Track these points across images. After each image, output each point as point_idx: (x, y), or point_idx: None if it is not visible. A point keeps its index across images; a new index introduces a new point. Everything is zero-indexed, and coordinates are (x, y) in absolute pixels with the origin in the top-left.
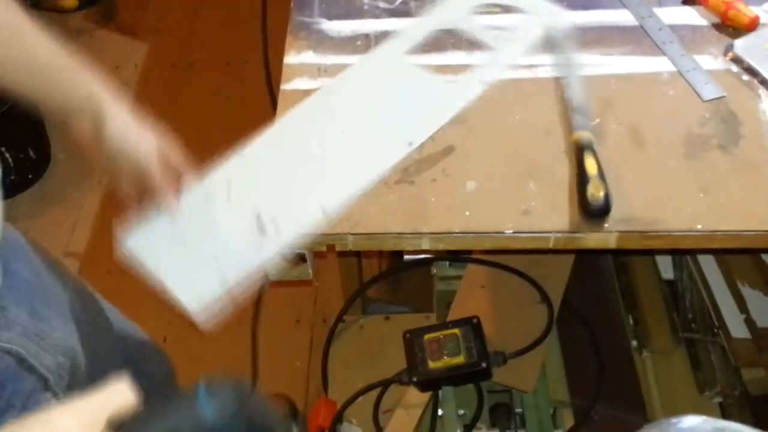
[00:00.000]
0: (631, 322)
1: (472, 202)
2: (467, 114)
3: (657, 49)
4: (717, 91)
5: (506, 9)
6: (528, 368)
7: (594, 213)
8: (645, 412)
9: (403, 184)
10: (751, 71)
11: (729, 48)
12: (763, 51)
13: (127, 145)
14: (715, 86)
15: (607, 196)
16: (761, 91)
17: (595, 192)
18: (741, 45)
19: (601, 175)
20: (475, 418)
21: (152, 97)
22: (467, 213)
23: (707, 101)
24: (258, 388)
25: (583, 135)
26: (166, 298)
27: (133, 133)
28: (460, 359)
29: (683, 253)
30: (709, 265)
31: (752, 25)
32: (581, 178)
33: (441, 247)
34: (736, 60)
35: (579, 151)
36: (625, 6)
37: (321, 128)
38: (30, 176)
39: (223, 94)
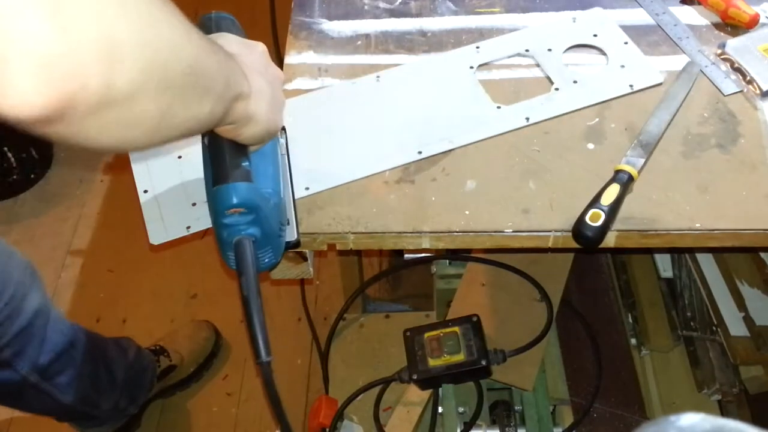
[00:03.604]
0: (630, 320)
1: (472, 201)
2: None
3: (675, 46)
4: (737, 86)
5: (600, 51)
6: (527, 366)
7: (580, 236)
8: (644, 410)
9: (404, 183)
10: (739, 71)
11: (721, 47)
12: (755, 52)
13: None
14: (735, 81)
15: (601, 230)
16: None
17: (592, 219)
18: (733, 44)
19: (612, 210)
20: (475, 416)
21: None
22: (467, 212)
23: (727, 95)
24: None
25: (627, 169)
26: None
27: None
28: (460, 357)
29: (682, 252)
30: (707, 263)
31: (752, 23)
32: (593, 201)
33: (441, 246)
34: (727, 59)
35: (612, 178)
36: (639, 4)
37: (353, 108)
38: (32, 175)
39: None
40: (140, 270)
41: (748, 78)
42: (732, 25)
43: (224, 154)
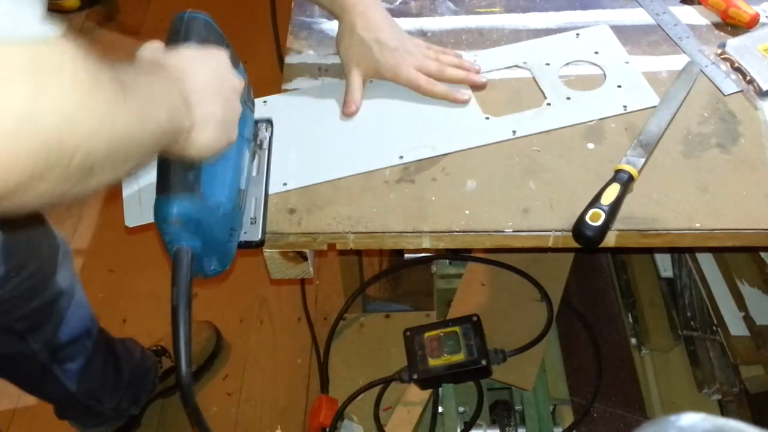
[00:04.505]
0: (630, 320)
1: (472, 200)
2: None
3: (674, 46)
4: (737, 85)
5: (600, 69)
6: (528, 366)
7: (580, 236)
8: (644, 410)
9: (404, 183)
10: (739, 71)
11: (721, 47)
12: (755, 52)
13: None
14: (735, 80)
15: (601, 230)
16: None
17: (592, 218)
18: (734, 44)
19: (613, 210)
20: (475, 416)
21: None
22: (467, 212)
23: (727, 95)
24: None
25: (627, 169)
26: None
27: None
28: (460, 357)
29: (682, 252)
30: (707, 263)
31: (753, 23)
32: (593, 201)
33: (441, 245)
34: (727, 59)
35: (612, 177)
36: (639, 4)
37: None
38: None
39: None
40: (140, 270)
41: (749, 78)
42: (732, 25)
43: (170, 163)
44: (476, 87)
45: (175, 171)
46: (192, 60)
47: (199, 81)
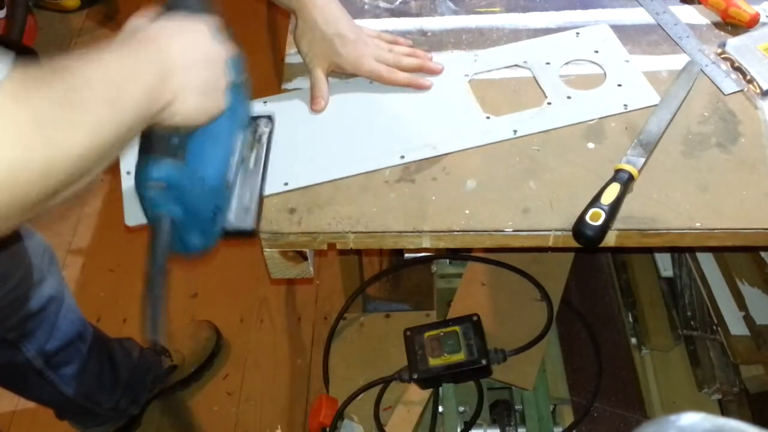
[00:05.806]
0: (630, 319)
1: (473, 200)
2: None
3: (675, 45)
4: (737, 85)
5: (600, 68)
6: (528, 366)
7: (581, 235)
8: (644, 409)
9: (404, 183)
10: (740, 70)
11: (721, 46)
12: (755, 51)
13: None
14: (735, 80)
15: (601, 230)
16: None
17: (592, 218)
18: (734, 44)
19: (613, 209)
20: (476, 415)
21: None
22: (467, 211)
23: (728, 95)
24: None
25: (627, 168)
26: None
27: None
28: (460, 356)
29: (682, 251)
30: (708, 262)
31: (753, 22)
32: (593, 200)
33: (441, 245)
34: (727, 58)
35: (612, 177)
36: (639, 4)
37: (343, 107)
38: None
39: None
40: (140, 269)
41: (749, 77)
42: (732, 25)
43: (154, 129)
44: (432, 73)
45: (160, 136)
46: (172, 30)
47: (177, 50)
